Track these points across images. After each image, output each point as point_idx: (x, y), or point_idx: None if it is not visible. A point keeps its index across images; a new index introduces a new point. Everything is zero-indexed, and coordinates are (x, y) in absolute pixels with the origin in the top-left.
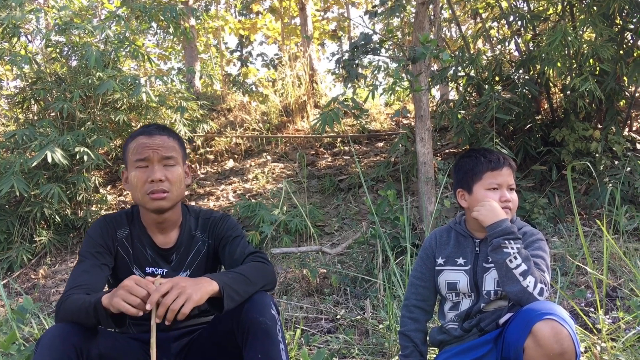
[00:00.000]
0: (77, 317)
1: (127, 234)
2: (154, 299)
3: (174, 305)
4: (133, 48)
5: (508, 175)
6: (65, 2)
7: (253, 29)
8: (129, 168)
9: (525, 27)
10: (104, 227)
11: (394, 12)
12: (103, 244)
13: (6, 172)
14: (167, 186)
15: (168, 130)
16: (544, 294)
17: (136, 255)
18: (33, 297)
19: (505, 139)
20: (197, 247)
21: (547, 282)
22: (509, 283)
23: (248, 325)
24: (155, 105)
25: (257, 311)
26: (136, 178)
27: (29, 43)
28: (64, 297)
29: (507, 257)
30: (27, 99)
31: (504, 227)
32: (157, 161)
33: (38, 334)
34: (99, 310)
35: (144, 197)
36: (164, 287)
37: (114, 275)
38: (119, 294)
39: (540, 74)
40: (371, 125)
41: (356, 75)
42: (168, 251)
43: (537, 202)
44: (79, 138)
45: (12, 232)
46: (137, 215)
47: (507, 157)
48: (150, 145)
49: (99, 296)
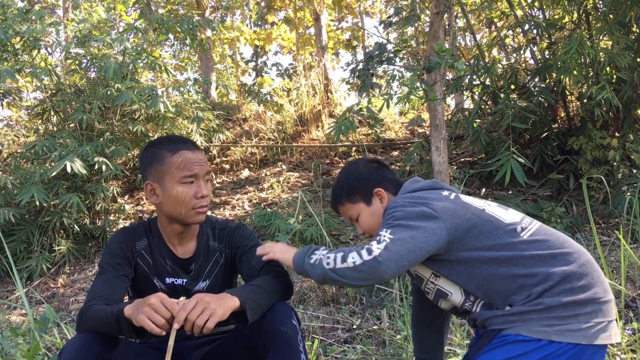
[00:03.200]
0: (98, 327)
1: (146, 246)
2: (180, 318)
3: (199, 320)
4: (150, 59)
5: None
6: (84, 15)
7: (268, 39)
8: (169, 183)
9: (541, 35)
10: (122, 238)
11: (408, 22)
12: (122, 255)
13: (26, 182)
14: (208, 200)
15: (196, 143)
16: (373, 251)
17: (156, 266)
18: (52, 306)
19: (522, 147)
20: (215, 257)
21: (381, 237)
22: (346, 275)
23: (270, 336)
24: (172, 115)
25: (278, 321)
26: (184, 194)
27: (49, 55)
28: (85, 307)
29: (324, 265)
30: (47, 110)
31: (297, 262)
32: (202, 177)
33: (60, 343)
34: (121, 321)
35: (189, 211)
36: (189, 304)
37: (134, 286)
38: (145, 311)
39: (557, 82)
40: (386, 134)
41: (371, 84)
42: (187, 261)
43: (555, 211)
44: (97, 148)
45: (32, 241)
46: (155, 226)
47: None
48: (197, 161)
49: (120, 307)
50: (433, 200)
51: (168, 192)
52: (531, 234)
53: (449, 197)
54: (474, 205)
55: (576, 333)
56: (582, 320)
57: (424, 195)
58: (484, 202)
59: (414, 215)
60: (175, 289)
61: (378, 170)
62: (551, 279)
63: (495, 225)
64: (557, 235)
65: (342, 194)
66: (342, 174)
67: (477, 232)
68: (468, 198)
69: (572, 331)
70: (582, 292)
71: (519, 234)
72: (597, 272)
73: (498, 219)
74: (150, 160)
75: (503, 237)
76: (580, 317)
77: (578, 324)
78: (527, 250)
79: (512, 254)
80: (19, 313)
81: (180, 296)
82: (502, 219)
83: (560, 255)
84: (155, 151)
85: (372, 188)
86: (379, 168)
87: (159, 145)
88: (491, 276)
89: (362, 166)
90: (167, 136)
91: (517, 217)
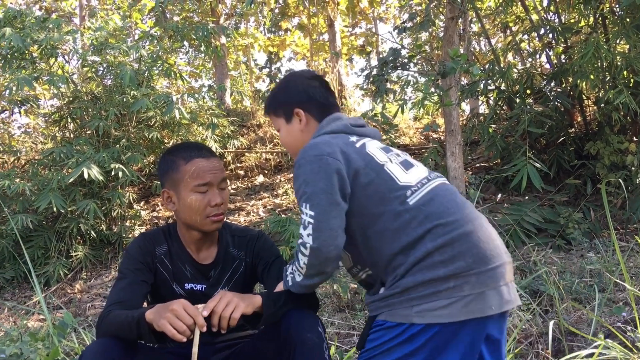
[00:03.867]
0: (118, 331)
1: (166, 251)
2: (209, 306)
3: (225, 312)
4: (166, 67)
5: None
6: (101, 23)
7: (282, 45)
8: (183, 191)
9: (557, 39)
10: (143, 244)
11: (423, 27)
12: (142, 260)
13: (44, 188)
14: (224, 208)
15: (212, 150)
16: (306, 243)
17: (176, 271)
18: (69, 312)
19: (538, 152)
20: (235, 264)
21: (305, 219)
22: (310, 276)
23: (295, 342)
24: (187, 122)
25: (304, 328)
26: (198, 202)
27: (66, 63)
28: (105, 312)
29: (295, 280)
30: (64, 117)
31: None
32: (216, 185)
33: (78, 349)
34: (142, 326)
35: (203, 220)
36: (212, 302)
37: (153, 292)
38: (167, 316)
39: (573, 86)
40: (400, 139)
41: (385, 90)
42: (207, 267)
43: (572, 216)
44: (114, 155)
45: (50, 247)
46: (175, 232)
47: None
48: (210, 169)
49: (142, 311)
50: (339, 151)
51: (183, 200)
52: (418, 200)
53: (354, 145)
54: (375, 159)
55: (436, 312)
56: (443, 296)
57: (330, 141)
58: (386, 156)
59: (321, 177)
60: (194, 294)
61: (310, 88)
62: (414, 257)
63: (388, 187)
64: (442, 202)
65: (270, 104)
66: (279, 81)
67: (373, 191)
68: (373, 149)
69: (432, 310)
70: (443, 267)
71: (407, 199)
72: (472, 243)
73: (394, 179)
74: (166, 169)
75: (393, 202)
76: (441, 294)
77: (439, 302)
78: (409, 223)
79: (394, 225)
80: (36, 318)
81: (199, 302)
82: (398, 180)
83: (435, 228)
84: (170, 159)
85: (294, 107)
86: (313, 86)
87: (174, 153)
88: (372, 250)
89: (298, 79)
90: (184, 143)
91: (413, 178)
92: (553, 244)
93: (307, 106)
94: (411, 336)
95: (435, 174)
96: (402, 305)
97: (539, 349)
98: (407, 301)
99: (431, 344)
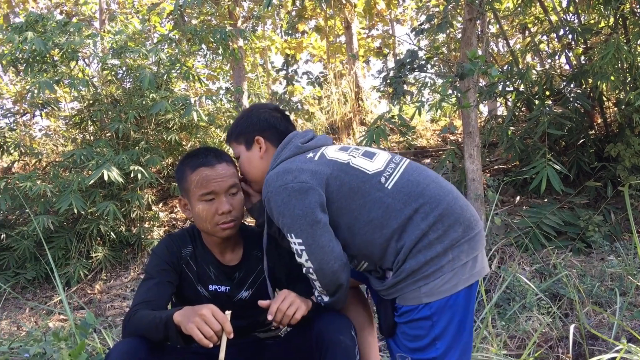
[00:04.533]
0: (144, 331)
1: (191, 253)
2: (273, 309)
3: (288, 311)
4: (184, 69)
5: None
6: (120, 27)
7: (299, 48)
8: (192, 200)
9: (576, 40)
10: (169, 245)
11: (441, 29)
12: (169, 261)
13: (65, 190)
14: (234, 214)
15: (223, 155)
16: (309, 268)
17: (200, 273)
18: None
19: (557, 154)
20: (259, 267)
21: (296, 248)
22: (332, 293)
23: (327, 344)
24: (205, 124)
25: (338, 330)
26: (205, 211)
27: (86, 66)
28: (131, 312)
29: (323, 301)
30: (84, 120)
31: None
32: (223, 193)
33: (100, 348)
34: (170, 327)
35: (214, 227)
36: (278, 297)
37: (177, 293)
38: (195, 321)
39: (593, 88)
40: (417, 141)
41: (403, 92)
42: (232, 269)
43: (592, 219)
44: (133, 157)
45: (70, 248)
46: (199, 235)
47: None
48: (214, 178)
49: (169, 313)
50: (300, 171)
51: (193, 209)
52: (395, 183)
53: (313, 160)
54: (338, 161)
55: (442, 287)
56: (446, 270)
57: (288, 166)
58: (347, 154)
59: (293, 204)
60: (218, 296)
61: (272, 118)
62: (410, 240)
63: (360, 180)
64: (418, 180)
65: (232, 132)
66: (243, 111)
67: (348, 190)
68: (332, 153)
69: (438, 288)
70: (439, 243)
71: (384, 184)
72: (457, 213)
73: (362, 170)
74: (178, 177)
75: (371, 191)
76: (444, 268)
77: (443, 277)
78: (394, 206)
79: (380, 213)
80: (57, 318)
81: (223, 303)
82: (366, 170)
83: (421, 207)
84: (181, 168)
85: (255, 134)
86: (274, 117)
87: (184, 161)
88: (363, 244)
89: (261, 109)
90: (193, 151)
91: (379, 164)
92: (573, 247)
93: (267, 134)
94: (425, 315)
95: (398, 156)
96: (410, 289)
97: (559, 352)
98: (413, 284)
99: (446, 314)
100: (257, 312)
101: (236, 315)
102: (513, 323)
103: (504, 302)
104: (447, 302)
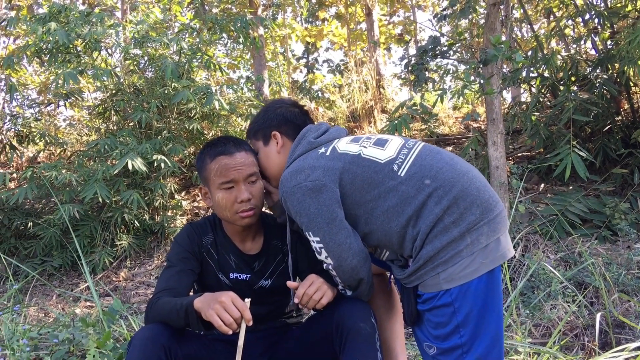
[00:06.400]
0: (166, 318)
1: (212, 241)
2: (300, 293)
3: (315, 296)
4: (205, 58)
5: None
6: (142, 17)
7: (319, 35)
8: (212, 188)
9: (603, 24)
10: (191, 234)
11: (463, 14)
12: (190, 250)
13: (90, 179)
14: (254, 203)
15: (242, 143)
16: (329, 264)
17: (221, 261)
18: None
19: (583, 141)
20: (279, 256)
21: (315, 247)
22: (354, 287)
23: (348, 330)
24: (226, 113)
25: (358, 317)
26: (224, 200)
27: (108, 57)
28: (153, 299)
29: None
30: (107, 109)
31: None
32: (242, 181)
33: (127, 334)
34: (190, 313)
35: (234, 215)
36: (306, 282)
37: (199, 281)
38: (215, 308)
39: (620, 73)
40: (440, 129)
41: (425, 79)
42: (252, 257)
43: (619, 206)
44: (156, 146)
45: (95, 236)
46: (220, 223)
47: None
48: (233, 166)
49: (190, 299)
50: (313, 169)
51: (213, 198)
52: (408, 169)
53: (325, 155)
54: (349, 153)
55: (462, 273)
56: (465, 254)
57: (301, 165)
58: (358, 145)
59: (308, 203)
60: (238, 284)
61: (288, 113)
62: (425, 225)
63: (373, 170)
64: (431, 164)
65: (251, 130)
66: (261, 108)
67: (360, 182)
68: (344, 146)
69: (458, 273)
70: (455, 227)
71: (397, 172)
72: (473, 195)
73: (374, 160)
74: (198, 166)
75: (384, 180)
76: (463, 253)
77: (463, 262)
78: (408, 193)
79: (395, 201)
80: (83, 305)
81: (243, 291)
82: (378, 160)
83: (434, 191)
84: (201, 157)
85: (271, 130)
86: (292, 112)
87: (204, 150)
88: (381, 233)
89: (278, 105)
90: (213, 140)
91: (391, 151)
92: (598, 235)
93: (284, 129)
94: (446, 302)
95: (412, 140)
96: (429, 275)
97: (585, 341)
98: (432, 270)
99: (468, 301)
100: (276, 300)
101: (256, 302)
102: (538, 311)
103: (528, 290)
104: (468, 288)
